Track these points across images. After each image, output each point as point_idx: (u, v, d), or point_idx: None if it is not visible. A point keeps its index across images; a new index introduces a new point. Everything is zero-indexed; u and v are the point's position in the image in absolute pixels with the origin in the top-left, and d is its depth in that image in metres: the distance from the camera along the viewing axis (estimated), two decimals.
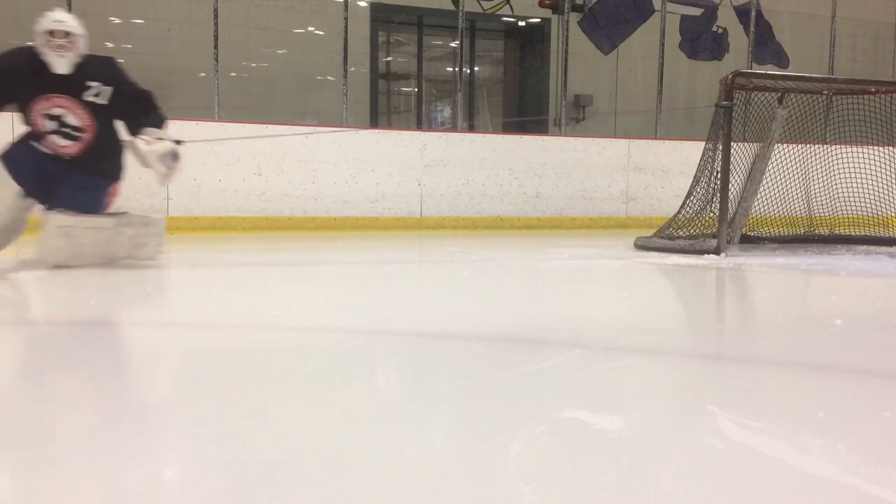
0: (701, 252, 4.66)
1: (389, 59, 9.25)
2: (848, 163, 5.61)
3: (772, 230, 5.65)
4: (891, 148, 5.57)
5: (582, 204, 6.93)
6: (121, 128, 3.86)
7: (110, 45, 7.38)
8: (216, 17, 6.24)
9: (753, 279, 3.95)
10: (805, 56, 9.04)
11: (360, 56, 7.87)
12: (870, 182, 5.54)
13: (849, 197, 5.64)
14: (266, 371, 1.92)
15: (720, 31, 9.15)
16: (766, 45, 8.93)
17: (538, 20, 8.89)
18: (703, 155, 5.26)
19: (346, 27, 6.66)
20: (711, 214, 5.03)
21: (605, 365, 1.98)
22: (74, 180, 3.73)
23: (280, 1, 7.85)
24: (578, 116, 8.79)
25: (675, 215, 5.32)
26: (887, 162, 5.56)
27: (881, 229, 5.58)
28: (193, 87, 7.16)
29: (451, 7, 7.59)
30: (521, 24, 9.02)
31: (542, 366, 1.98)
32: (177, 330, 2.52)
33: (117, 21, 7.41)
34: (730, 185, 4.83)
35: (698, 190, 5.22)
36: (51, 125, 3.66)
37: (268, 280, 3.79)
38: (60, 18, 3.63)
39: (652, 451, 1.36)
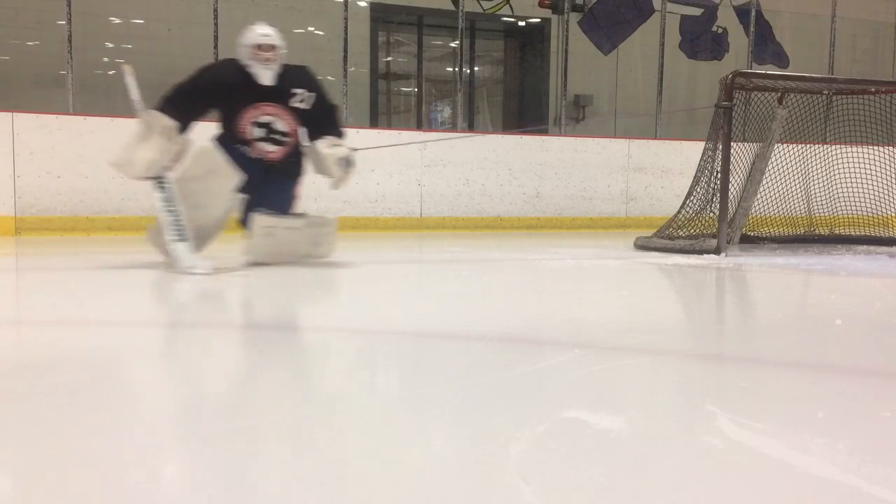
0: (701, 252, 4.66)
1: (389, 59, 9.25)
2: (848, 163, 5.61)
3: (772, 230, 5.65)
4: (891, 148, 5.57)
5: (582, 204, 6.93)
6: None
7: (110, 45, 7.38)
8: (216, 17, 6.24)
9: (753, 279, 3.95)
10: (805, 56, 9.04)
11: (360, 56, 7.87)
12: (870, 182, 5.53)
13: (849, 197, 5.64)
14: (269, 371, 1.92)
15: (720, 31, 9.15)
16: (766, 45, 8.93)
17: (538, 20, 8.89)
18: (703, 155, 5.26)
19: (346, 27, 6.66)
20: (711, 214, 5.02)
21: (605, 365, 1.98)
22: (273, 183, 3.87)
23: (280, 1, 7.85)
24: (578, 116, 8.79)
25: (675, 215, 5.31)
26: (887, 162, 5.56)
27: (881, 229, 5.58)
28: None
29: (451, 7, 7.58)
30: (521, 24, 9.02)
31: (542, 366, 1.98)
32: (176, 330, 2.52)
33: (117, 21, 7.40)
34: (730, 185, 4.83)
35: (698, 190, 5.22)
36: (259, 132, 3.80)
37: (267, 280, 3.79)
38: (267, 33, 3.80)
39: (652, 451, 1.36)
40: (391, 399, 1.72)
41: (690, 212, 5.23)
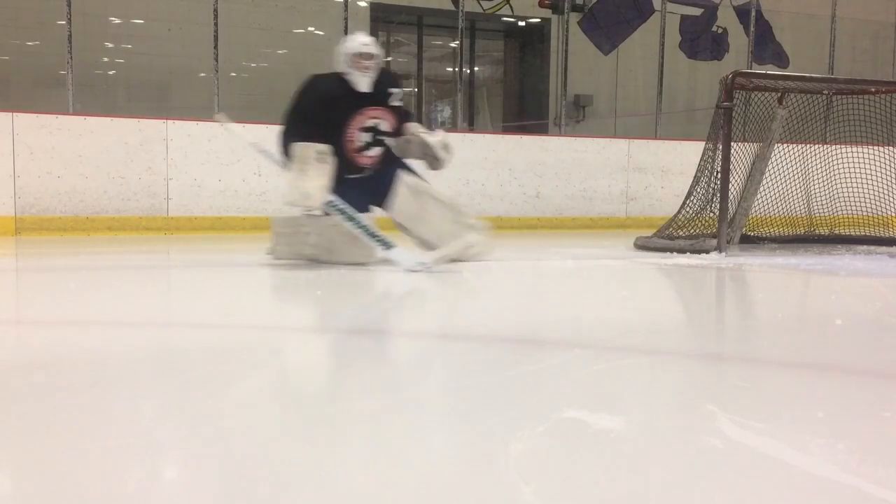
0: (701, 252, 4.65)
1: (389, 59, 9.25)
2: (848, 163, 5.60)
3: (772, 230, 5.65)
4: (891, 148, 5.57)
5: (582, 204, 6.92)
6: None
7: (110, 45, 7.38)
8: (216, 17, 6.23)
9: (753, 279, 3.95)
10: (805, 56, 9.04)
11: None
12: (870, 182, 5.53)
13: (849, 197, 5.63)
14: (266, 371, 1.92)
15: (720, 31, 9.15)
16: (766, 45, 8.93)
17: (538, 20, 8.89)
18: (703, 155, 5.26)
19: (346, 27, 6.66)
20: (711, 214, 5.02)
21: (605, 365, 1.98)
22: (390, 172, 4.03)
23: (280, 1, 7.85)
24: (578, 116, 8.79)
25: (675, 215, 5.31)
26: (887, 162, 5.55)
27: (881, 229, 5.57)
28: (193, 87, 7.15)
29: (451, 7, 7.59)
30: (521, 24, 9.02)
31: (542, 366, 1.98)
32: (176, 330, 2.51)
33: (117, 21, 7.41)
34: (730, 185, 4.82)
35: (698, 190, 5.22)
36: (366, 137, 3.95)
37: (268, 280, 3.79)
38: (367, 42, 3.93)
39: (652, 451, 1.36)
40: (390, 399, 1.72)
41: (690, 212, 5.23)
